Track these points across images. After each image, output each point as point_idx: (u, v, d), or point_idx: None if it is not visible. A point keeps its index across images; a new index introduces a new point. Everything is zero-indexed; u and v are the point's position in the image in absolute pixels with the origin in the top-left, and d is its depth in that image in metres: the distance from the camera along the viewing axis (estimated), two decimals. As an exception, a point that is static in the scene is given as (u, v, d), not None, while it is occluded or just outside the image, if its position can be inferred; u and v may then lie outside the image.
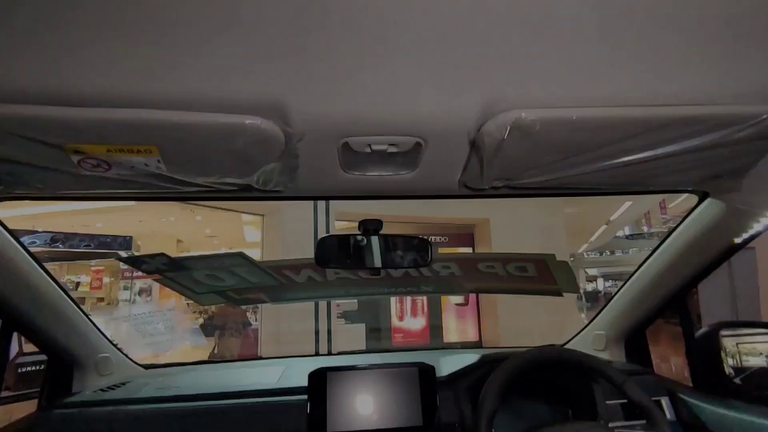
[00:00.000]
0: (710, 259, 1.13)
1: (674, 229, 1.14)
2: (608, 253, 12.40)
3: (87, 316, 1.27)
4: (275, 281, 1.29)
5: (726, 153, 0.74)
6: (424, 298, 6.56)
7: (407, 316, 6.68)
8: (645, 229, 10.95)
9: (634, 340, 1.45)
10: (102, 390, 1.26)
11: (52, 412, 1.14)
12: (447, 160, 0.77)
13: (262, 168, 0.72)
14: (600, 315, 1.50)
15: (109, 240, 7.20)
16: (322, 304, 5.15)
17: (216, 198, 0.90)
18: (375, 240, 1.02)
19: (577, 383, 1.18)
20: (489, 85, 0.61)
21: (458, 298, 6.64)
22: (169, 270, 1.18)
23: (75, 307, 1.22)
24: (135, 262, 1.14)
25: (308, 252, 1.21)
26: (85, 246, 6.87)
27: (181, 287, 1.25)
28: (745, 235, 1.03)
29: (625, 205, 9.19)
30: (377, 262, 1.01)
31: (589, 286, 12.85)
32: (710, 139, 0.69)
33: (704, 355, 1.26)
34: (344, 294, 1.41)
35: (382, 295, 1.39)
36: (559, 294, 1.40)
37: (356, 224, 1.04)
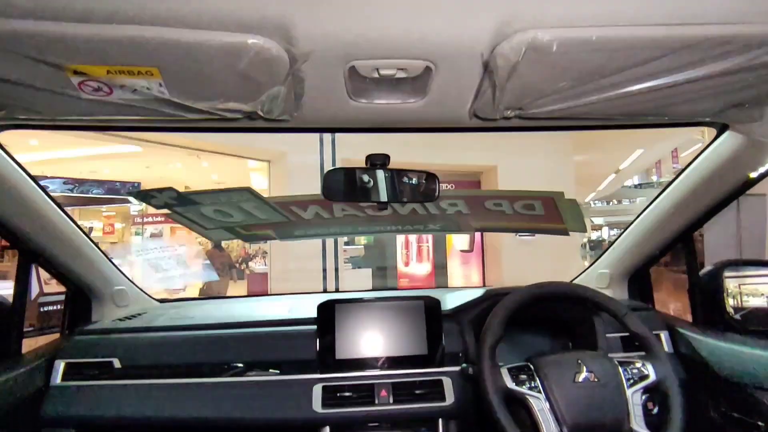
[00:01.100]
0: (723, 194, 1.11)
1: (689, 164, 1.12)
2: (615, 202, 12.35)
3: (102, 251, 1.31)
4: (283, 217, 1.30)
5: (751, 79, 0.71)
6: (430, 244, 6.64)
7: (413, 261, 6.79)
8: (654, 178, 10.80)
9: (638, 278, 1.47)
10: (119, 320, 1.31)
11: (73, 337, 1.20)
12: (458, 85, 0.74)
13: (266, 92, 0.70)
14: (605, 254, 1.51)
15: (118, 186, 7.28)
16: (329, 243, 5.23)
17: (221, 129, 0.88)
18: (382, 174, 1.01)
19: (578, 317, 1.21)
20: (503, 3, 0.57)
21: (463, 245, 6.71)
22: (177, 205, 1.19)
23: (90, 241, 1.25)
24: (144, 197, 1.15)
25: (314, 200, 1.23)
26: (95, 192, 6.96)
27: (190, 222, 1.27)
28: (762, 170, 1.01)
29: (636, 153, 9.02)
30: (384, 196, 1.01)
31: (594, 235, 12.91)
32: (736, 62, 0.65)
33: (706, 293, 1.28)
34: (351, 231, 1.42)
35: (388, 233, 1.40)
36: (566, 233, 1.41)
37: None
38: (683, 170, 1.14)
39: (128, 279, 1.44)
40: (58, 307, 1.88)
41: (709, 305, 1.26)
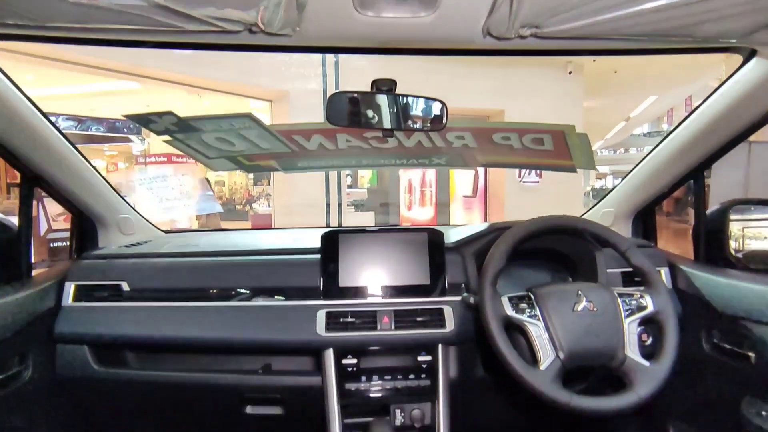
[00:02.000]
0: (743, 127, 1.07)
1: (708, 96, 1.07)
2: (622, 151, 12.15)
3: (105, 179, 1.30)
4: (286, 148, 1.28)
5: None
6: (433, 189, 6.62)
7: (415, 205, 6.81)
8: (665, 126, 10.56)
9: (642, 216, 1.46)
10: (125, 246, 1.33)
11: (82, 261, 1.22)
12: None
13: None
14: (612, 192, 1.49)
15: (118, 125, 7.16)
16: (332, 179, 5.23)
17: (220, 45, 0.84)
18: (388, 99, 0.98)
19: (580, 251, 1.21)
20: None
21: (466, 190, 6.70)
22: (178, 131, 1.17)
23: (93, 169, 1.23)
24: (143, 120, 1.13)
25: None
26: (95, 129, 6.87)
27: (192, 150, 1.25)
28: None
29: (649, 100, 8.76)
30: (389, 123, 0.98)
31: (598, 184, 12.84)
32: None
33: (710, 231, 1.27)
34: (355, 164, 1.40)
35: (393, 166, 1.38)
36: (574, 170, 1.38)
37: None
38: (701, 103, 1.10)
39: (133, 208, 1.45)
40: (66, 243, 1.92)
41: (711, 243, 1.26)
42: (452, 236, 1.31)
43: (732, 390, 1.10)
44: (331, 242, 1.18)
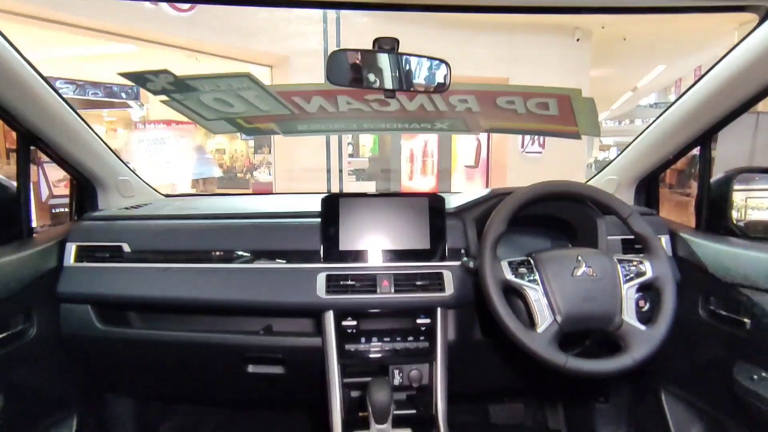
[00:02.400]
0: (754, 91, 1.04)
1: (719, 60, 1.04)
2: (628, 122, 11.98)
3: (104, 141, 1.28)
4: (285, 110, 1.25)
5: None
6: (435, 158, 6.57)
7: (417, 175, 6.78)
8: (672, 98, 10.37)
9: (645, 185, 1.45)
10: (125, 209, 1.32)
11: (82, 222, 1.22)
12: None
13: None
14: (615, 160, 1.48)
15: (116, 89, 7.04)
16: (333, 144, 5.18)
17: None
18: (390, 58, 0.95)
19: (581, 218, 1.21)
20: None
21: (468, 160, 6.65)
22: (175, 91, 1.14)
23: (91, 131, 1.22)
24: (139, 79, 1.10)
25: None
26: (93, 94, 6.75)
27: (190, 112, 1.22)
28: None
29: (657, 69, 8.56)
30: (391, 83, 0.96)
31: (602, 156, 12.73)
32: None
33: (713, 200, 1.26)
34: (356, 128, 1.38)
35: (394, 131, 1.36)
36: (579, 136, 1.36)
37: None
38: (713, 67, 1.07)
39: (132, 171, 1.44)
40: (68, 209, 1.92)
41: (714, 212, 1.26)
42: (453, 202, 1.30)
43: (725, 355, 1.12)
44: (332, 206, 1.17)
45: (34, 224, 1.18)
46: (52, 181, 4.21)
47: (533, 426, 1.72)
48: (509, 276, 1.00)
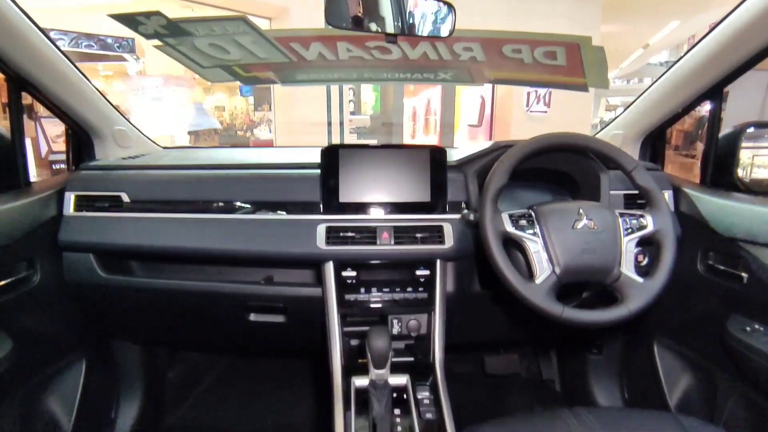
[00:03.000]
0: (766, 43, 1.00)
1: (731, 11, 0.99)
2: (636, 81, 11.64)
3: (98, 90, 1.25)
4: (284, 57, 1.21)
5: None
6: (438, 116, 6.45)
7: (419, 134, 6.68)
8: (685, 56, 10.00)
9: (651, 140, 1.42)
10: (123, 159, 1.31)
11: (80, 172, 1.21)
12: None
13: None
14: (622, 115, 1.44)
15: (110, 41, 6.83)
16: (334, 96, 5.08)
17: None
18: (393, 0, 0.90)
19: (584, 172, 1.19)
20: None
21: (472, 119, 6.53)
22: (168, 35, 1.10)
23: (84, 78, 1.18)
24: (131, 22, 1.05)
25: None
26: (87, 46, 6.56)
27: (185, 58, 1.18)
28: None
29: (670, 25, 8.24)
30: (393, 26, 0.91)
31: (608, 116, 12.48)
32: None
33: (720, 155, 1.24)
34: (357, 77, 1.34)
35: (396, 81, 1.32)
36: (586, 88, 1.32)
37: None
38: (730, 13, 1.02)
39: (128, 121, 1.41)
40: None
41: (719, 167, 1.24)
42: (455, 156, 1.28)
43: (719, 308, 1.13)
44: (332, 157, 1.15)
45: (34, 178, 1.17)
46: (50, 137, 4.16)
47: (527, 376, 1.78)
48: (509, 228, 0.99)
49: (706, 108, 1.28)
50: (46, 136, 4.18)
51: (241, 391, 1.76)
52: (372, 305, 1.13)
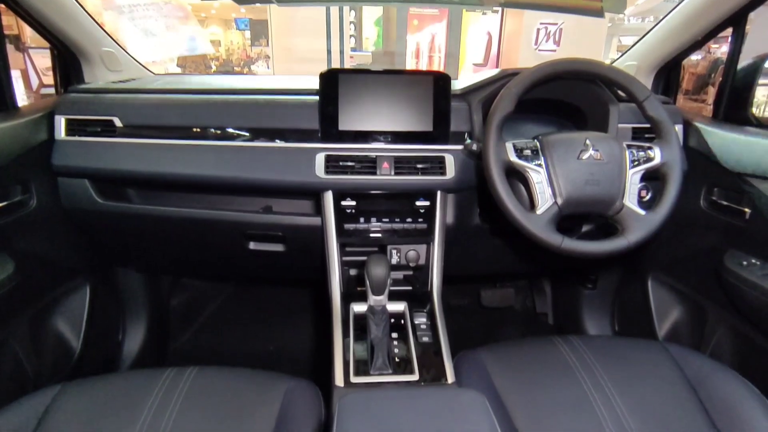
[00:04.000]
0: None
1: None
2: (652, 19, 11.06)
3: (82, 7, 1.17)
4: (280, -29, 1.12)
5: None
6: (442, 54, 6.19)
7: (422, 72, 6.45)
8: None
9: (666, 72, 1.36)
10: (113, 83, 1.26)
11: (69, 95, 1.16)
12: None
13: None
14: (637, 44, 1.37)
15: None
16: (334, 23, 4.87)
17: None
18: None
19: (592, 103, 1.15)
20: None
21: (477, 57, 6.28)
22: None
23: None
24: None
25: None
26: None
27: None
28: None
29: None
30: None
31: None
32: None
33: (736, 87, 1.19)
34: (358, -2, 1.25)
35: (399, 2, 1.23)
36: (601, 14, 1.24)
37: None
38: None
39: (117, 43, 1.34)
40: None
41: (734, 100, 1.19)
42: (459, 85, 1.23)
43: (718, 243, 1.13)
44: (330, 82, 1.10)
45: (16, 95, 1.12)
46: (40, 69, 4.01)
47: (521, 309, 1.83)
48: (513, 157, 0.97)
49: (722, 50, 1.22)
50: (35, 68, 4.04)
51: (243, 318, 1.82)
52: (371, 235, 1.13)
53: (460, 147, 1.12)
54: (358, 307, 1.04)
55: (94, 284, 1.30)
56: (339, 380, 0.87)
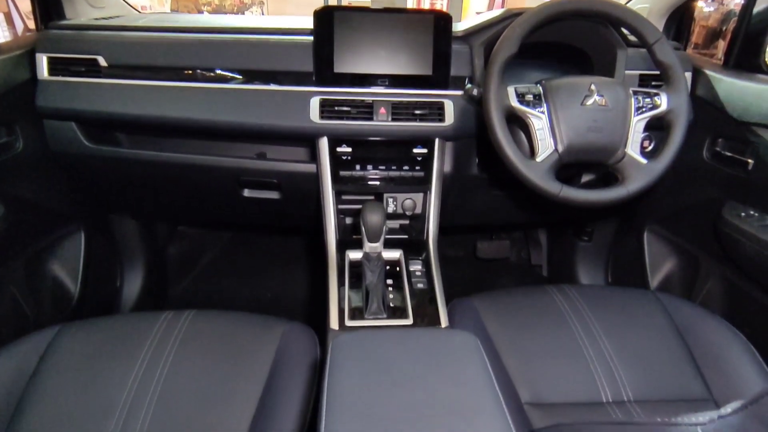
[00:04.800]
0: None
1: None
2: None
3: None
4: None
5: None
6: (444, 3, 5.90)
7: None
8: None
9: (678, 16, 1.30)
10: (96, 20, 1.19)
11: (50, 31, 1.10)
12: None
13: None
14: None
15: None
16: None
17: None
18: None
19: (599, 48, 1.11)
20: None
21: (481, 6, 6.00)
22: None
23: None
24: None
25: None
26: None
27: None
28: None
29: None
30: None
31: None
32: None
33: (749, 33, 1.14)
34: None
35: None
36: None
37: None
38: None
39: None
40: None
41: (747, 46, 1.14)
42: (462, 26, 1.17)
43: (717, 195, 1.13)
44: (325, 21, 1.05)
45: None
46: (24, 13, 3.83)
47: (516, 261, 1.85)
48: (514, 102, 0.94)
49: (736, 0, 1.15)
50: (19, 12, 3.86)
51: (240, 266, 1.83)
52: (367, 183, 1.11)
53: (460, 92, 1.08)
54: (354, 254, 1.04)
55: (89, 231, 1.29)
56: (334, 323, 0.89)
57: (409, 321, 0.89)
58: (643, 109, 0.95)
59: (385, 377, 0.49)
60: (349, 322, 0.89)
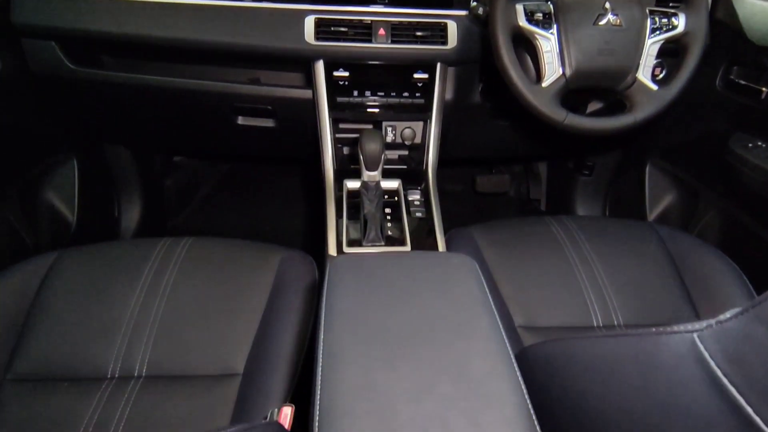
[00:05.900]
0: None
1: None
2: None
3: None
4: None
5: None
6: None
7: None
8: None
9: None
10: None
11: None
12: None
13: None
14: None
15: None
16: None
17: None
18: None
19: None
20: None
21: None
22: None
23: None
24: None
25: None
26: None
27: None
28: None
29: None
30: None
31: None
32: None
33: None
34: None
35: None
36: None
37: None
38: None
39: None
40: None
41: None
42: None
43: (725, 126, 1.09)
44: None
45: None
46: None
47: (515, 195, 1.84)
48: (522, 22, 0.88)
49: None
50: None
51: (238, 198, 1.82)
52: (365, 110, 1.07)
53: (464, 12, 1.01)
54: (352, 184, 1.02)
55: (81, 159, 1.27)
56: (332, 250, 0.89)
57: (407, 248, 0.90)
58: (659, 30, 0.90)
59: (383, 295, 0.49)
60: (347, 249, 0.89)
